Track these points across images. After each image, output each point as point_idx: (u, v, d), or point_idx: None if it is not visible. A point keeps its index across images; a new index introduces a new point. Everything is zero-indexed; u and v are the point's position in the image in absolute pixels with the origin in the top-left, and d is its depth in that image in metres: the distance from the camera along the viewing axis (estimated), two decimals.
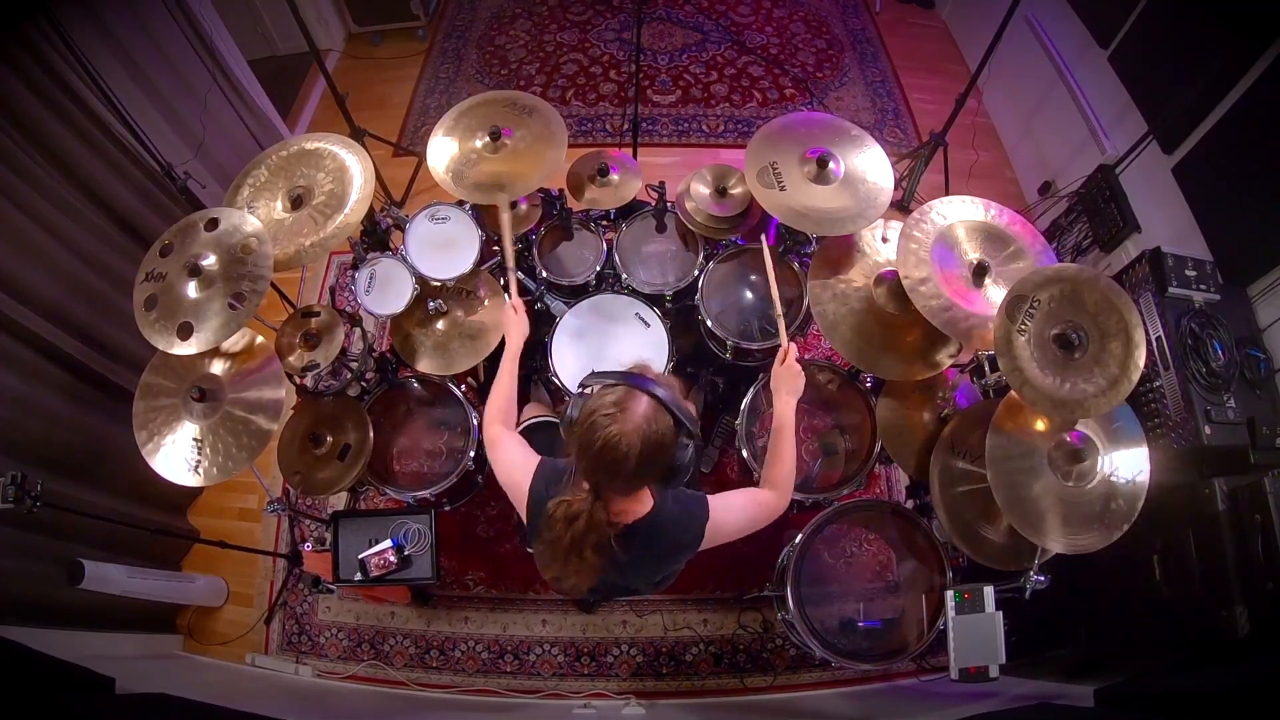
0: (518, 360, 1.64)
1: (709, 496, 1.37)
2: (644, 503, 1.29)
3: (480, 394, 2.51)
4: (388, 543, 2.00)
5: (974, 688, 1.78)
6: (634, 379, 1.17)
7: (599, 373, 1.21)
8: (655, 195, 2.21)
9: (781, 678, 2.43)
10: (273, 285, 1.82)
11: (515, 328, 1.68)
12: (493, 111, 2.07)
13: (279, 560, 2.63)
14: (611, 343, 2.08)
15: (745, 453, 2.03)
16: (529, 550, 1.42)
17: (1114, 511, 1.54)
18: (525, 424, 1.97)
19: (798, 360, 1.57)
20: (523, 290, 2.26)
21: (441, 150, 2.01)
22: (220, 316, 1.65)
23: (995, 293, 1.69)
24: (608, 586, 1.44)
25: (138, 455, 1.71)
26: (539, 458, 1.39)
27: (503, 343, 1.98)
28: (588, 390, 1.20)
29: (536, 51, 4.05)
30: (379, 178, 3.10)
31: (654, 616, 2.51)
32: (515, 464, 1.40)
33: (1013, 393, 1.55)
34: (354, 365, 2.03)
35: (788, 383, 1.53)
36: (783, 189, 1.86)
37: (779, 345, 1.60)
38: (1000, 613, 1.63)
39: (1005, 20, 2.57)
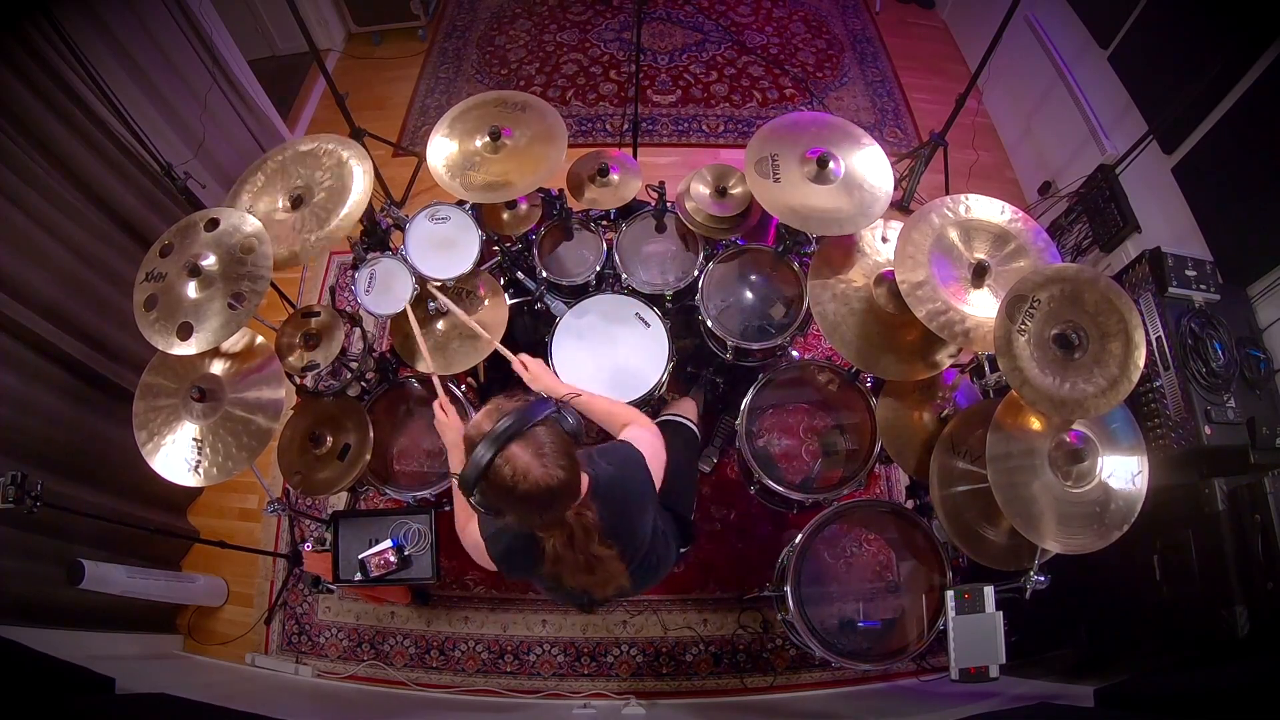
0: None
1: (617, 442, 1.45)
2: (583, 481, 1.30)
3: (480, 394, 2.51)
4: (388, 543, 2.00)
5: (974, 688, 1.78)
6: (486, 443, 1.15)
7: (463, 478, 1.19)
8: (655, 195, 2.21)
9: (781, 678, 2.43)
10: (273, 285, 1.82)
11: (451, 434, 1.64)
12: (486, 113, 2.07)
13: (279, 560, 2.63)
14: (612, 343, 2.09)
15: (746, 453, 2.03)
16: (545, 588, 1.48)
17: (1113, 512, 1.54)
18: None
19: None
20: (522, 290, 2.26)
21: (441, 151, 2.01)
22: (220, 316, 1.65)
23: (992, 295, 1.69)
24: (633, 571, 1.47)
25: (138, 455, 1.71)
26: (476, 533, 1.42)
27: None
28: (477, 499, 1.18)
29: (536, 51, 4.05)
30: (379, 178, 3.11)
31: (654, 616, 2.51)
32: (470, 536, 1.45)
33: (1013, 393, 1.55)
34: (354, 365, 2.03)
35: (544, 380, 1.67)
36: (777, 180, 1.86)
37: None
38: (1000, 613, 1.63)
39: (1005, 20, 2.57)
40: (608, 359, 2.06)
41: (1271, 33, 2.03)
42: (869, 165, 1.90)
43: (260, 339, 1.83)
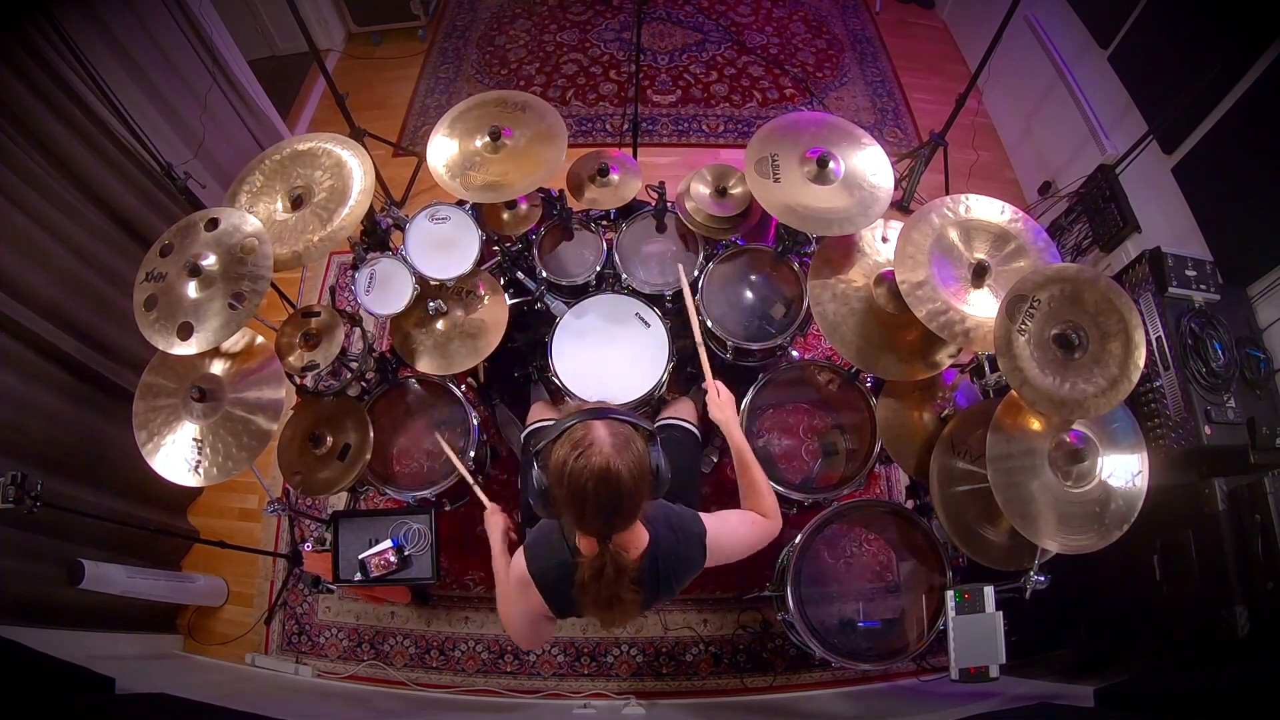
0: (505, 555, 1.59)
1: (700, 514, 1.38)
2: (641, 535, 1.27)
3: (480, 394, 2.51)
4: (388, 543, 2.00)
5: (974, 688, 1.78)
6: (573, 416, 1.15)
7: (538, 430, 1.19)
8: (655, 195, 2.21)
9: (781, 678, 2.43)
10: (273, 285, 1.82)
11: (496, 530, 1.65)
12: (486, 113, 2.07)
13: (279, 560, 2.63)
14: (612, 343, 2.09)
15: None
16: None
17: (1113, 512, 1.54)
18: (533, 426, 1.97)
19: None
20: (522, 290, 2.26)
21: (441, 151, 2.01)
22: (220, 316, 1.65)
23: (992, 295, 1.69)
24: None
25: (138, 455, 1.71)
26: (517, 553, 1.37)
27: (502, 347, 2.00)
28: (540, 459, 1.17)
29: (536, 51, 4.05)
30: (379, 178, 3.10)
31: (654, 616, 2.51)
32: (509, 592, 1.40)
33: (1013, 393, 1.55)
34: (354, 365, 2.03)
35: (726, 411, 1.57)
36: (777, 180, 1.86)
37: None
38: (1000, 613, 1.63)
39: (1005, 20, 2.57)
40: (608, 359, 2.06)
41: (1271, 33, 2.03)
42: (869, 165, 1.90)
43: (260, 339, 1.83)
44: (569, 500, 1.13)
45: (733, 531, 1.41)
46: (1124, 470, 1.58)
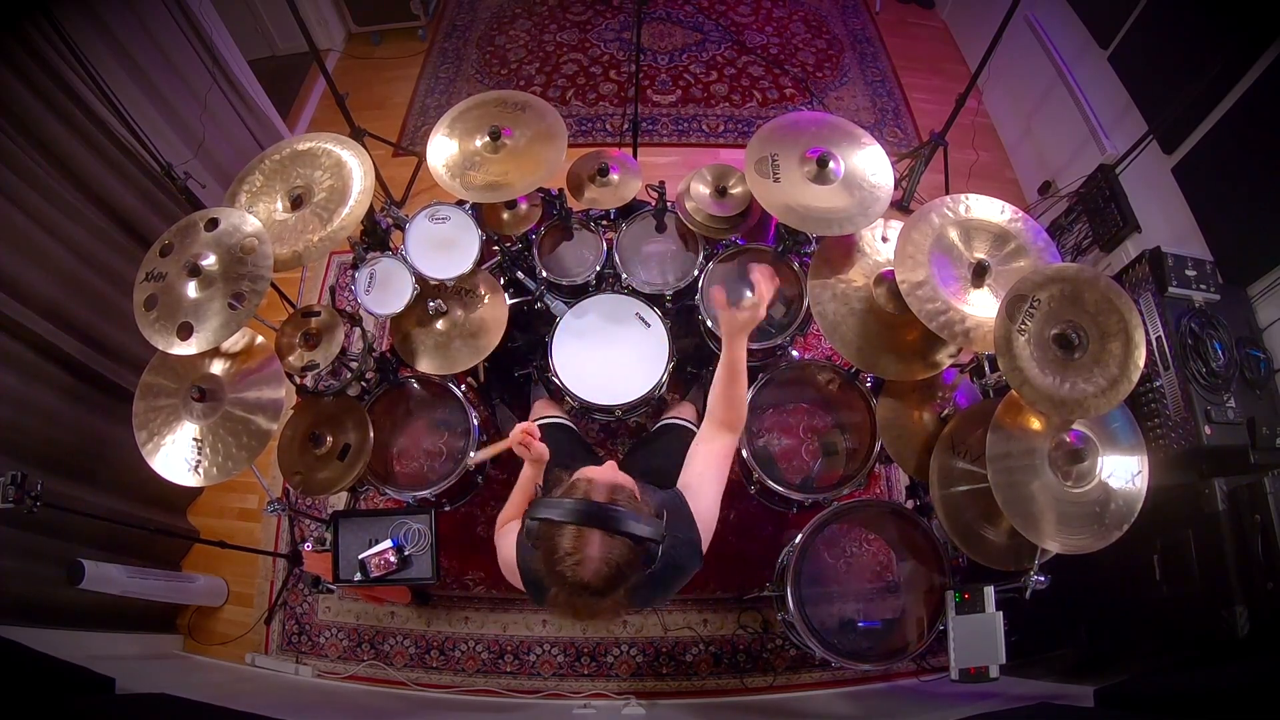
0: (533, 483, 1.53)
1: (689, 501, 1.33)
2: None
3: (480, 394, 2.51)
4: (388, 543, 2.00)
5: (974, 688, 1.78)
6: (583, 514, 1.12)
7: (548, 503, 1.16)
8: (655, 195, 2.21)
9: (781, 678, 2.43)
10: (273, 285, 1.82)
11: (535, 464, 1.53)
12: (486, 113, 2.07)
13: (279, 560, 2.63)
14: (612, 343, 2.09)
15: (746, 452, 2.03)
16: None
17: (1113, 512, 1.54)
18: (541, 421, 1.96)
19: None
20: (522, 290, 2.26)
21: (441, 151, 2.01)
22: (220, 316, 1.65)
23: (992, 295, 1.69)
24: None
25: (138, 455, 1.71)
26: (516, 535, 1.35)
27: (502, 346, 1.99)
28: (534, 524, 1.15)
29: (536, 51, 4.05)
30: (379, 178, 3.10)
31: (654, 616, 2.51)
32: (505, 546, 1.39)
33: (1013, 393, 1.55)
34: (354, 365, 2.03)
35: (748, 327, 1.38)
36: (777, 180, 1.86)
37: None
38: (1000, 613, 1.63)
39: (1005, 20, 2.57)
40: (608, 359, 2.06)
41: (1271, 33, 2.03)
42: (869, 165, 1.90)
43: (260, 339, 1.83)
44: (547, 576, 1.15)
45: (711, 489, 1.36)
46: (1124, 470, 1.58)
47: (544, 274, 2.19)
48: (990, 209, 1.76)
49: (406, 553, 2.02)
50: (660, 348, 2.06)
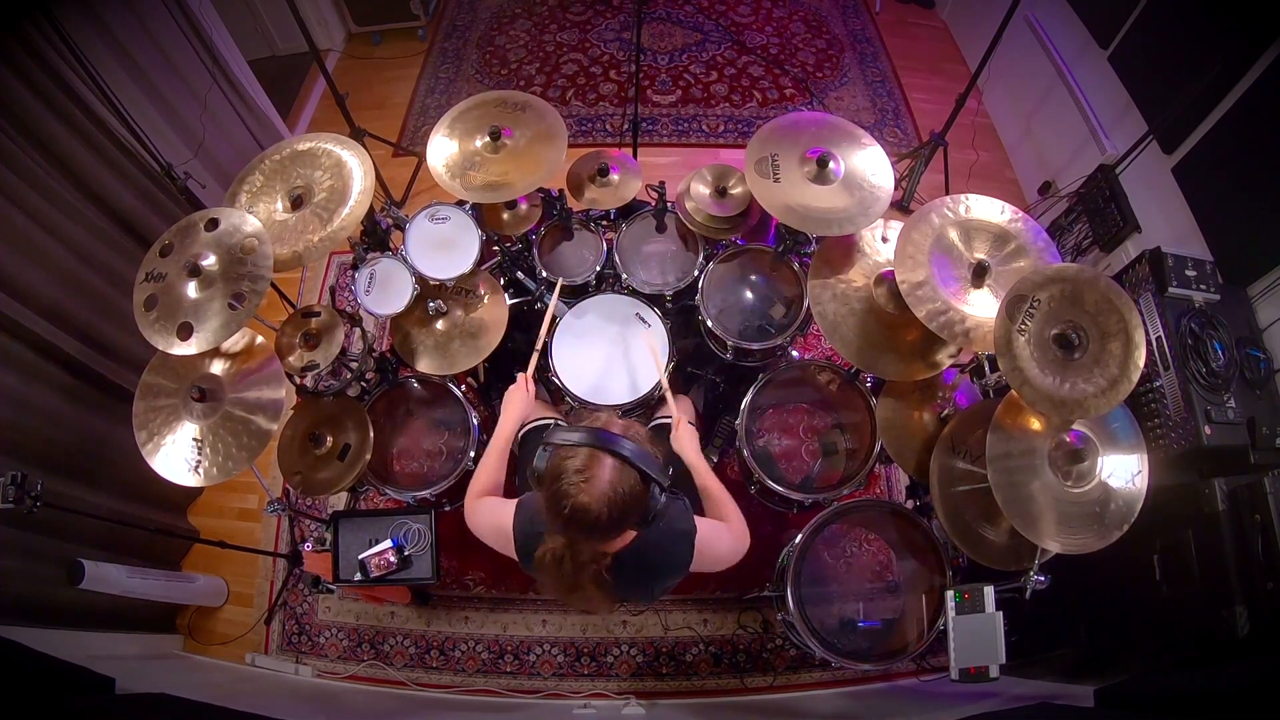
0: (510, 443, 1.60)
1: (694, 515, 1.38)
2: (625, 535, 1.27)
3: (481, 394, 2.51)
4: (388, 543, 2.00)
5: (974, 688, 1.78)
6: (599, 438, 1.15)
7: (564, 428, 1.20)
8: (655, 195, 2.21)
9: (781, 678, 2.43)
10: (273, 285, 1.82)
11: (516, 407, 1.64)
12: (486, 113, 2.06)
13: (279, 560, 2.63)
14: (612, 343, 2.08)
15: (746, 452, 2.03)
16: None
17: (1113, 512, 1.54)
18: (532, 424, 1.97)
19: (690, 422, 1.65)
20: (522, 290, 2.26)
21: (441, 151, 2.01)
22: (220, 316, 1.65)
23: (992, 295, 1.69)
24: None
25: (138, 455, 1.71)
26: (516, 500, 1.40)
27: (502, 346, 1.99)
28: (550, 449, 1.18)
29: (536, 51, 4.05)
30: (379, 178, 3.10)
31: (654, 616, 2.51)
32: (494, 511, 1.42)
33: (1013, 393, 1.55)
34: (354, 365, 2.03)
35: (691, 441, 1.60)
36: (777, 180, 1.86)
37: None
38: (1000, 613, 1.63)
39: (1005, 20, 2.57)
40: (608, 359, 2.06)
41: (1271, 33, 2.03)
42: (869, 165, 1.90)
43: (260, 339, 1.83)
44: (547, 505, 1.17)
45: (719, 538, 1.43)
46: (1124, 470, 1.57)
47: (544, 274, 2.19)
48: (990, 209, 1.76)
49: (406, 553, 2.02)
50: (660, 347, 2.05)
